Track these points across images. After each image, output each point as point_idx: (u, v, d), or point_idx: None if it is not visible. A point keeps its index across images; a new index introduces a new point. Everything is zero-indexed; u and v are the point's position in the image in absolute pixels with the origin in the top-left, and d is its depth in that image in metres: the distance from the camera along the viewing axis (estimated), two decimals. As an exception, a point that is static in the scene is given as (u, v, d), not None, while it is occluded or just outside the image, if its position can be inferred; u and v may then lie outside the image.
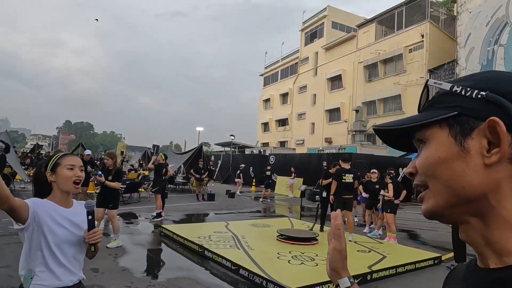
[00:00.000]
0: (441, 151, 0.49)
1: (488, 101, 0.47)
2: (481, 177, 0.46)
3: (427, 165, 0.50)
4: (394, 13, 24.25)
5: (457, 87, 0.50)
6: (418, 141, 0.53)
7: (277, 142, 35.73)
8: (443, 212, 0.50)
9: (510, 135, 0.45)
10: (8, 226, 6.92)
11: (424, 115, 0.51)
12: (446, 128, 0.49)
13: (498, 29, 17.85)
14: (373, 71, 25.48)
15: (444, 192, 0.49)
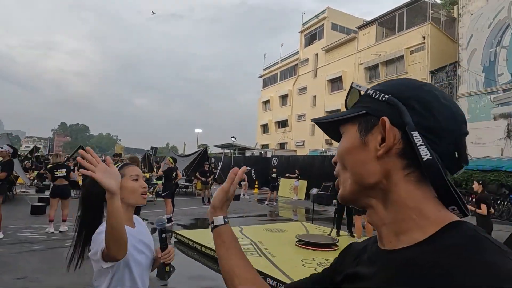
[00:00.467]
0: (349, 143, 0.57)
1: (389, 104, 0.55)
2: (375, 167, 0.54)
3: (339, 155, 0.59)
4: (395, 15, 24.28)
5: (370, 90, 0.58)
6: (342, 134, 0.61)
7: (276, 143, 35.65)
8: (351, 197, 0.58)
9: (401, 133, 0.53)
10: (17, 233, 6.73)
11: (342, 113, 0.60)
12: (356, 124, 0.57)
13: (500, 30, 17.90)
14: (374, 73, 25.48)
15: (349, 179, 0.57)
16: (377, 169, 0.54)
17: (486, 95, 18.31)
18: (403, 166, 0.53)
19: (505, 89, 17.47)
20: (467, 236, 0.48)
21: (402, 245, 0.52)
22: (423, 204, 0.52)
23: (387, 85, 0.58)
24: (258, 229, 7.75)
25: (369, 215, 0.58)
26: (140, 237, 1.57)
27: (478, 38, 18.84)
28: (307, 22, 33.65)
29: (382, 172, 0.54)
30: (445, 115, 0.53)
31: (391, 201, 0.54)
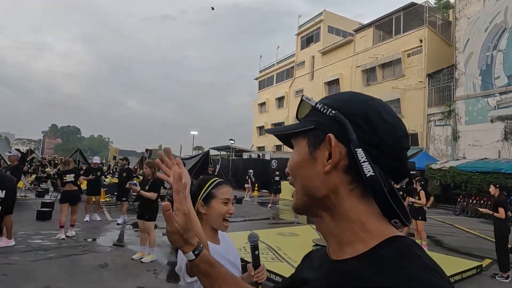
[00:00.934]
0: (299, 157, 0.59)
1: (336, 120, 0.56)
2: (322, 181, 0.57)
3: (290, 167, 0.61)
4: (392, 18, 24.51)
5: (319, 104, 0.59)
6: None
7: (273, 145, 35.66)
8: (303, 207, 0.61)
9: (346, 149, 0.55)
10: (27, 240, 6.59)
11: (291, 126, 0.61)
12: (305, 139, 0.59)
13: (497, 34, 18.20)
14: (371, 75, 25.67)
15: (300, 191, 0.60)
16: (324, 184, 0.57)
17: (483, 98, 18.57)
18: (348, 181, 0.56)
19: (502, 92, 17.75)
20: (399, 251, 0.50)
21: (346, 256, 0.54)
22: (366, 218, 0.55)
23: (335, 100, 0.60)
24: (270, 233, 7.72)
25: (318, 225, 0.61)
26: (226, 254, 1.51)
27: (475, 41, 19.13)
28: (303, 24, 33.79)
29: (329, 186, 0.57)
30: (387, 131, 0.56)
31: (337, 213, 0.57)
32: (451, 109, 20.00)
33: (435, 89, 21.29)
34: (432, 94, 21.38)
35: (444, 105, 20.45)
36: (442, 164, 17.54)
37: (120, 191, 8.88)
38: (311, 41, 32.42)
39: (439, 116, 20.71)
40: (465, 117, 19.36)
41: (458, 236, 9.54)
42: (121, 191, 8.84)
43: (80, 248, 6.22)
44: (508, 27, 17.78)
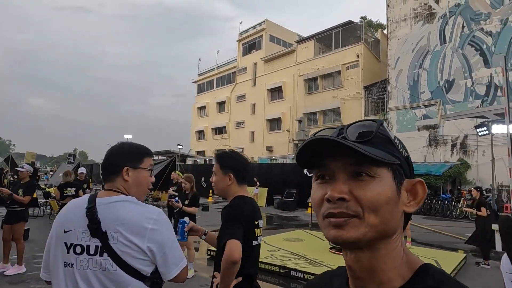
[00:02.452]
0: (390, 192, 0.56)
1: (408, 162, 0.60)
2: (399, 220, 0.58)
3: (376, 200, 0.55)
4: (332, 33, 26.65)
5: (396, 140, 0.60)
6: (357, 172, 0.56)
7: (214, 150, 35.57)
8: (365, 242, 0.56)
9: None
10: (34, 265, 5.88)
11: (381, 153, 0.55)
12: (391, 173, 0.57)
13: (422, 55, 21.16)
14: (312, 85, 27.48)
15: (377, 227, 0.55)
16: (399, 222, 0.58)
17: (411, 110, 21.39)
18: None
19: (427, 105, 20.70)
20: (437, 279, 0.55)
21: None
22: (407, 251, 0.59)
23: (400, 140, 0.62)
24: (277, 239, 8.02)
25: (360, 259, 0.57)
26: None
27: (404, 60, 21.94)
28: (245, 31, 34.55)
29: (399, 225, 0.59)
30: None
31: (391, 251, 0.57)
32: (385, 118, 22.55)
33: (370, 100, 23.78)
34: (368, 104, 23.85)
35: (379, 115, 22.98)
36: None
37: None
38: (253, 48, 33.30)
39: (374, 124, 23.15)
40: (396, 125, 22.03)
41: (418, 232, 10.99)
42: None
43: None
44: (430, 50, 20.82)
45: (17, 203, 5.18)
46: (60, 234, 1.31)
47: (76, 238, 1.28)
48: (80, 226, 1.29)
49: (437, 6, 20.75)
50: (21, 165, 5.43)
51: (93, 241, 1.26)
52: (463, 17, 19.64)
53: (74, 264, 1.26)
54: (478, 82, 18.81)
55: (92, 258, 1.25)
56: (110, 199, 1.34)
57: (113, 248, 1.25)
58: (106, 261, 1.24)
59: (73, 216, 1.32)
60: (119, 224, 1.28)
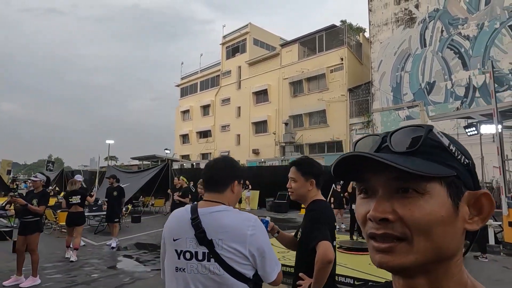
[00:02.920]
0: (443, 210, 0.48)
1: (469, 170, 0.51)
2: (459, 240, 0.49)
3: (426, 221, 0.47)
4: (315, 37, 27.13)
5: (452, 146, 0.51)
6: (403, 188, 0.49)
7: (199, 154, 35.41)
8: (417, 269, 0.49)
9: None
10: (46, 276, 5.76)
11: (430, 166, 0.48)
12: (445, 187, 0.49)
13: (403, 58, 21.90)
14: (298, 87, 27.85)
15: (430, 251, 0.47)
16: (459, 243, 0.49)
17: (395, 111, 22.08)
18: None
19: (409, 106, 21.43)
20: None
21: None
22: (466, 275, 0.52)
23: (459, 145, 0.52)
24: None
25: (414, 285, 0.50)
26: None
27: (387, 63, 22.64)
28: (228, 35, 34.62)
29: (460, 246, 0.50)
30: None
31: (451, 275, 0.50)
32: (369, 120, 23.18)
33: (355, 102, 24.37)
34: (353, 106, 24.42)
35: (363, 116, 23.58)
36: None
37: (110, 211, 8.17)
38: (237, 52, 33.41)
39: (359, 126, 23.76)
40: (381, 126, 22.66)
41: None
42: (112, 212, 8.16)
43: (122, 278, 5.72)
44: (412, 53, 21.59)
45: (32, 213, 5.07)
46: (170, 242, 1.45)
47: (185, 245, 1.41)
48: (188, 234, 1.41)
49: (417, 11, 21.56)
50: (35, 175, 5.32)
51: (201, 248, 1.38)
52: (442, 22, 20.49)
53: (185, 269, 1.39)
54: (458, 84, 19.66)
55: (201, 263, 1.37)
56: (212, 209, 1.46)
57: (219, 254, 1.36)
58: (214, 266, 1.36)
59: (180, 225, 1.45)
60: (222, 232, 1.40)
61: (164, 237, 1.50)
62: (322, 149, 25.72)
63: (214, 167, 1.61)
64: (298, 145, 26.80)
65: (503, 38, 18.25)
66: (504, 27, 18.21)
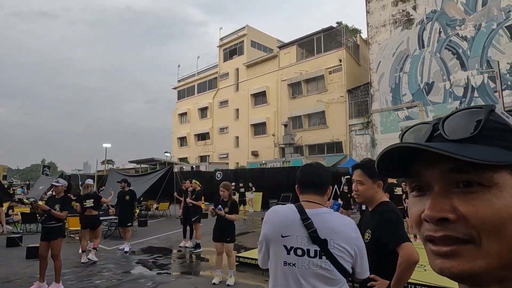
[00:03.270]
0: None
1: None
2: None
3: (497, 219, 0.40)
4: (313, 39, 27.27)
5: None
6: (464, 182, 0.42)
7: (197, 156, 35.31)
8: (489, 277, 0.41)
9: None
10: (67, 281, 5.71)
11: (495, 152, 0.40)
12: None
13: (402, 59, 22.11)
14: (296, 89, 27.94)
15: (505, 254, 0.40)
16: None
17: (394, 111, 22.26)
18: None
19: (409, 107, 21.63)
20: None
21: None
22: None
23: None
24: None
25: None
26: None
27: (385, 64, 22.82)
28: (226, 37, 34.64)
29: None
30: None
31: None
32: (369, 120, 23.33)
33: (354, 103, 24.51)
34: (352, 107, 24.56)
35: (363, 117, 23.73)
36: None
37: (123, 216, 8.11)
38: (234, 54, 33.43)
39: (359, 126, 23.90)
40: (380, 127, 22.83)
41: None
42: (125, 216, 8.10)
43: (144, 282, 5.68)
44: (410, 54, 21.80)
45: (54, 218, 5.02)
46: (277, 238, 1.55)
47: (296, 242, 1.52)
48: (299, 233, 1.52)
49: (415, 12, 21.79)
50: (56, 180, 5.27)
51: (312, 246, 1.50)
52: (439, 23, 20.74)
53: (296, 264, 1.50)
54: (456, 84, 19.90)
55: (312, 260, 1.49)
56: (318, 211, 1.59)
57: (331, 252, 1.49)
58: (325, 263, 1.48)
59: (289, 224, 1.55)
60: (332, 233, 1.53)
61: (267, 233, 1.59)
62: (322, 150, 25.82)
63: (317, 172, 1.72)
64: (298, 147, 26.86)
65: (500, 39, 18.52)
66: (501, 27, 18.49)
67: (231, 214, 5.45)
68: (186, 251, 8.09)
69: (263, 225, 1.70)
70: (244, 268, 6.32)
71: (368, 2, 24.01)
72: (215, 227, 5.60)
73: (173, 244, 8.93)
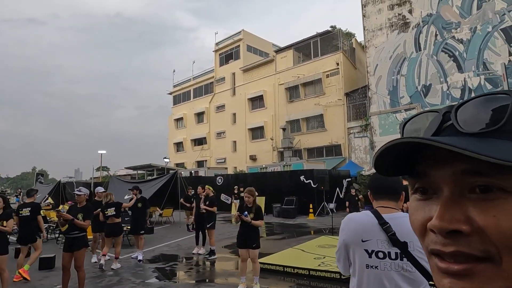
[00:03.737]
0: None
1: None
2: None
3: (507, 231, 0.33)
4: (310, 43, 27.44)
5: None
6: (481, 186, 0.35)
7: (194, 162, 35.12)
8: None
9: None
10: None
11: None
12: None
13: (399, 62, 22.35)
14: (294, 93, 28.03)
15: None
16: None
17: (392, 114, 22.45)
18: None
19: (407, 109, 21.83)
20: None
21: None
22: None
23: None
24: (312, 246, 8.12)
25: None
26: None
27: (382, 67, 23.04)
28: (221, 42, 34.66)
29: None
30: None
31: None
32: (367, 123, 23.49)
33: (352, 106, 24.67)
34: (350, 110, 24.72)
35: (361, 120, 23.89)
36: (370, 171, 20.50)
37: (136, 223, 7.98)
38: (230, 58, 33.45)
39: (357, 129, 24.05)
40: (379, 129, 22.99)
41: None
42: (137, 224, 7.98)
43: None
44: (407, 57, 22.06)
45: (77, 228, 4.91)
46: (358, 243, 1.61)
47: (376, 246, 1.57)
48: (378, 236, 1.58)
49: (411, 16, 22.08)
50: (78, 188, 5.15)
51: (393, 249, 1.54)
52: (435, 26, 21.04)
53: (378, 266, 1.55)
54: (453, 86, 20.17)
55: (394, 262, 1.54)
56: (395, 215, 1.63)
57: (412, 254, 1.51)
58: (407, 264, 1.51)
59: (368, 229, 1.60)
60: (412, 235, 1.57)
61: (346, 239, 1.65)
62: (321, 153, 25.89)
63: (390, 179, 1.71)
64: (296, 150, 26.90)
65: (495, 41, 18.85)
66: (496, 30, 18.83)
67: (257, 220, 5.39)
68: (201, 258, 7.99)
69: (340, 232, 1.74)
70: (265, 274, 6.25)
71: (364, 6, 24.27)
72: (239, 233, 5.53)
73: (185, 251, 8.82)
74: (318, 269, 6.05)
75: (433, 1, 21.21)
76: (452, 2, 20.53)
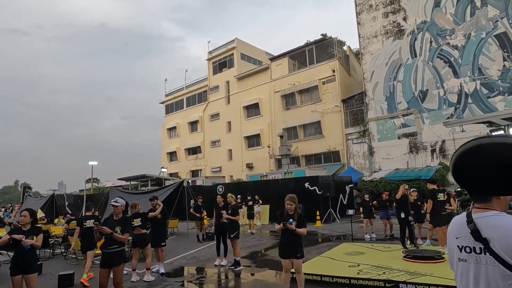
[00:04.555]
0: None
1: None
2: None
3: None
4: (305, 50, 27.60)
5: None
6: None
7: (188, 171, 34.59)
8: None
9: None
10: None
11: None
12: None
13: (395, 68, 22.65)
14: (290, 100, 28.03)
15: None
16: None
17: (390, 119, 22.66)
18: None
19: (404, 114, 22.08)
20: None
21: None
22: None
23: None
24: (339, 253, 7.91)
25: None
26: None
27: (379, 73, 23.31)
28: (214, 50, 34.54)
29: None
30: None
31: None
32: (365, 129, 23.61)
33: (349, 112, 24.80)
34: (348, 117, 24.83)
35: (359, 126, 24.01)
36: (371, 176, 20.52)
37: (156, 235, 7.63)
38: (224, 67, 33.33)
39: (355, 135, 24.14)
40: (377, 135, 23.14)
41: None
42: (158, 235, 7.64)
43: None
44: (403, 63, 22.38)
45: (116, 242, 4.59)
46: (453, 240, 1.80)
47: (464, 242, 1.74)
48: (466, 233, 1.73)
49: (405, 23, 22.48)
50: (115, 199, 4.83)
51: (477, 244, 1.67)
52: (430, 33, 21.46)
53: (466, 260, 1.71)
54: (450, 91, 20.52)
55: (479, 256, 1.66)
56: (484, 214, 1.72)
57: (493, 249, 1.60)
58: (489, 259, 1.61)
59: (460, 227, 1.78)
60: (495, 233, 1.64)
61: (449, 238, 1.84)
62: (319, 160, 25.85)
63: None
64: (294, 157, 26.79)
65: (490, 47, 19.31)
66: (490, 36, 19.32)
67: (300, 228, 5.18)
68: (225, 270, 7.67)
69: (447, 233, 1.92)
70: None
71: (359, 14, 24.61)
72: (281, 242, 5.30)
73: (205, 263, 8.48)
74: (359, 277, 5.85)
75: (427, 8, 21.68)
76: (446, 10, 21.02)
